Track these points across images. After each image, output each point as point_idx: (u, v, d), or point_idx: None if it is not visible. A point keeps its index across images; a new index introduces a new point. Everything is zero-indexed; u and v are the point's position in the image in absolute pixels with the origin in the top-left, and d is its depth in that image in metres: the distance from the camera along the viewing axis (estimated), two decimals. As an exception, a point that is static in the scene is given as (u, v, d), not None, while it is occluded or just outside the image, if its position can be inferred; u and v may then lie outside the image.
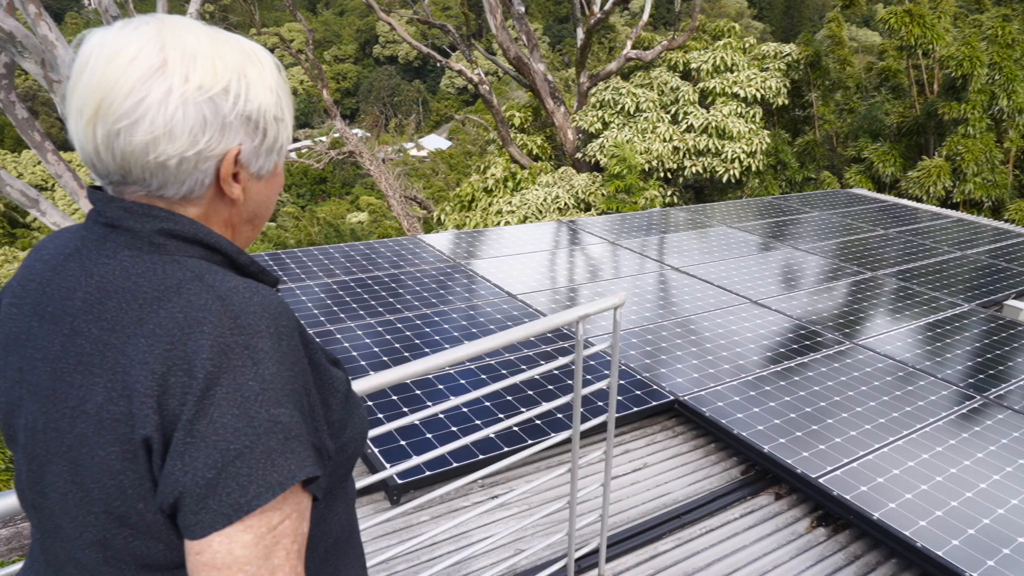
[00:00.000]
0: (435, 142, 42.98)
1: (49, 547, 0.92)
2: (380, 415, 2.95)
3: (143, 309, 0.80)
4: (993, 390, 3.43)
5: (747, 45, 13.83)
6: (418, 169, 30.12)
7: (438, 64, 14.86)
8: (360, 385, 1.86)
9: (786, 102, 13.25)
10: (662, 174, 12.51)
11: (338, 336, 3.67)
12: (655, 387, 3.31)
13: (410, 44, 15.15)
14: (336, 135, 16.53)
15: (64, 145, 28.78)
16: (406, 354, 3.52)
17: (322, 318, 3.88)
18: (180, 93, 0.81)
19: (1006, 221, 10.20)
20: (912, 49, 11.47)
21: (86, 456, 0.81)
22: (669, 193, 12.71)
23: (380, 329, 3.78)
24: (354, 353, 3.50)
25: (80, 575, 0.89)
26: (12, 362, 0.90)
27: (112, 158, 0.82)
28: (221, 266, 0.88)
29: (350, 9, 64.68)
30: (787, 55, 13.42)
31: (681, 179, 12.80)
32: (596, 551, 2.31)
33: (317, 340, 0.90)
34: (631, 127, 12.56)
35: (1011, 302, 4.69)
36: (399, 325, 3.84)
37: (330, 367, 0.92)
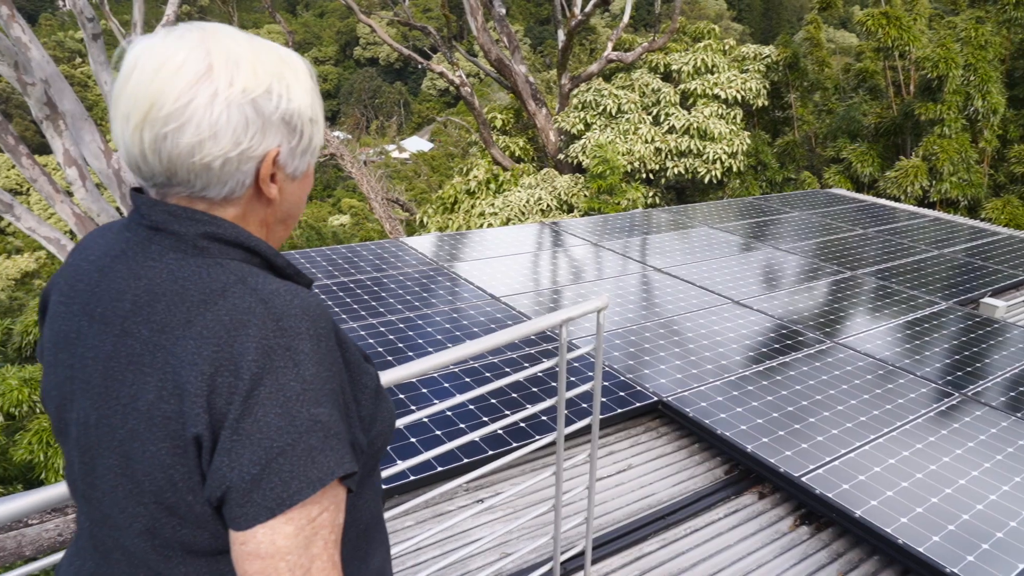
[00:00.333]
0: (417, 144, 42.87)
1: (98, 535, 0.97)
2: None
3: (190, 312, 0.84)
4: (970, 387, 3.48)
5: (727, 47, 13.94)
6: (400, 171, 30.06)
7: (419, 66, 14.83)
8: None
9: (766, 103, 13.37)
10: (644, 175, 12.56)
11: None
12: (639, 388, 3.32)
13: (391, 46, 15.11)
14: (317, 137, 16.43)
15: (39, 149, 28.36)
16: (390, 358, 3.50)
17: (304, 322, 3.85)
18: (225, 96, 0.85)
19: (982, 220, 10.35)
20: (889, 51, 11.62)
21: (137, 451, 0.85)
22: (651, 194, 12.77)
23: (363, 333, 3.76)
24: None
25: (127, 561, 0.94)
26: (63, 359, 0.94)
27: (159, 161, 0.86)
28: (260, 268, 0.92)
29: (330, 11, 64.37)
30: (766, 57, 13.55)
31: (663, 180, 12.87)
32: (582, 553, 2.31)
33: (350, 337, 0.96)
34: (613, 128, 12.61)
35: (987, 300, 4.76)
36: (382, 329, 3.82)
37: (363, 363, 0.96)
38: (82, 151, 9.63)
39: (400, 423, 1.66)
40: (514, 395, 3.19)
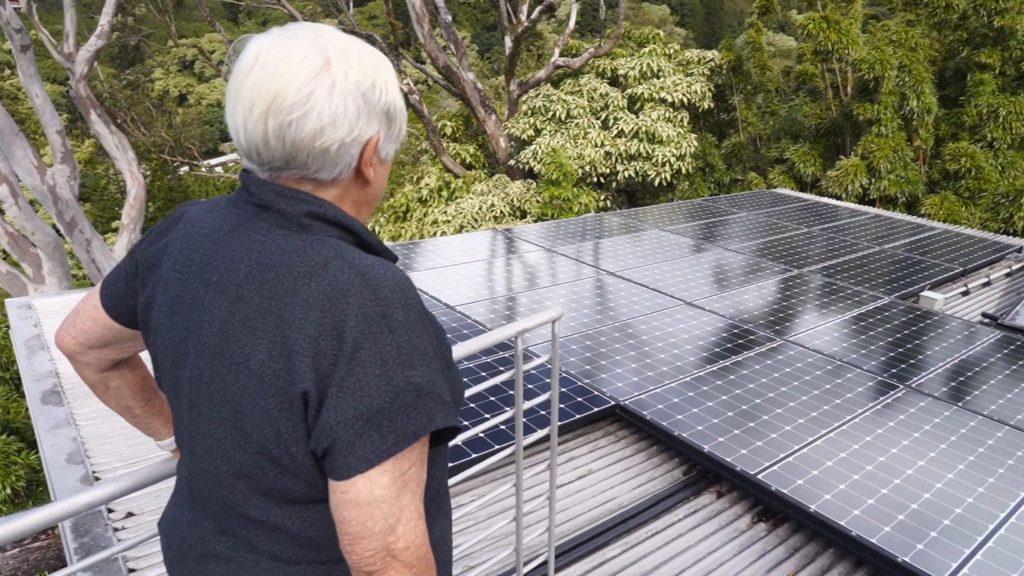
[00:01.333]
0: (367, 152, 42.40)
1: (196, 486, 1.07)
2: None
3: (297, 281, 0.94)
4: (914, 379, 3.60)
5: (671, 51, 14.19)
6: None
7: (367, 74, 14.69)
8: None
9: (711, 105, 13.64)
10: (595, 179, 12.68)
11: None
12: (596, 393, 3.33)
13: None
14: (264, 148, 16.13)
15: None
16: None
17: (255, 339, 3.76)
18: (342, 88, 0.95)
19: (921, 216, 10.74)
20: (828, 54, 11.98)
21: (247, 405, 0.95)
22: (603, 198, 12.90)
23: (316, 348, 3.69)
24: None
25: (222, 510, 1.04)
26: (178, 322, 1.03)
27: (282, 146, 0.95)
28: (353, 245, 1.02)
29: (273, 19, 63.42)
30: (710, 60, 13.83)
31: (614, 184, 13.01)
32: (546, 563, 2.30)
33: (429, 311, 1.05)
34: (563, 133, 12.70)
35: (926, 293, 4.94)
36: (336, 343, 3.75)
37: (443, 333, 1.05)
38: (13, 168, 9.24)
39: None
40: (473, 405, 3.17)
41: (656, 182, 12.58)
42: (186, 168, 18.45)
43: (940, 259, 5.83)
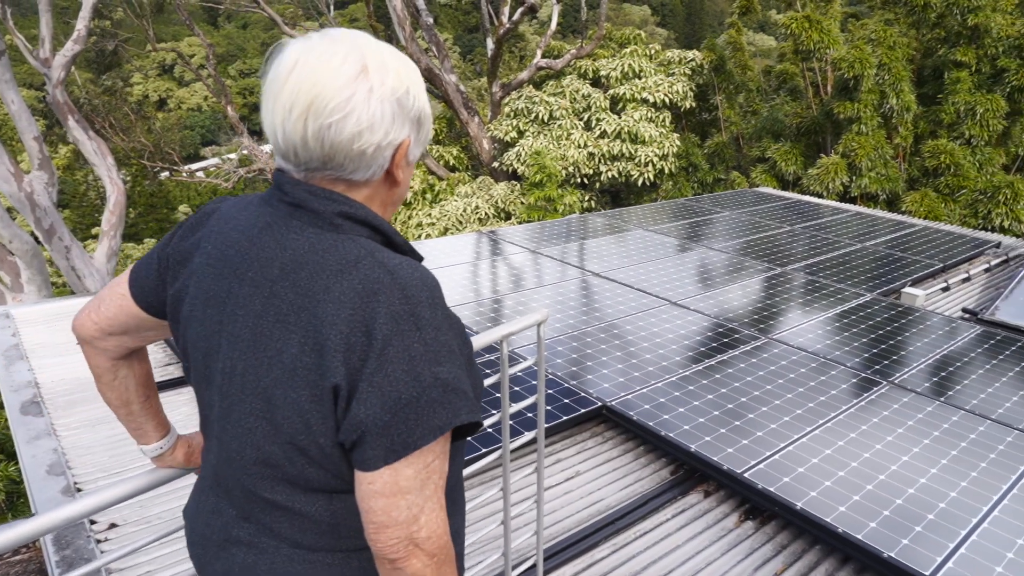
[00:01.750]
0: (350, 155, 42.21)
1: (222, 473, 1.11)
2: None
3: (330, 279, 0.97)
4: (897, 375, 3.63)
5: (653, 52, 14.24)
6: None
7: (349, 77, 14.62)
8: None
9: (693, 105, 13.71)
10: (578, 180, 12.70)
11: (257, 363, 3.54)
12: (583, 394, 3.33)
13: (319, 57, 14.86)
14: (245, 152, 16.02)
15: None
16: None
17: (239, 345, 3.73)
18: (379, 94, 0.99)
19: (901, 213, 10.86)
20: (810, 53, 12.07)
21: (279, 396, 0.99)
22: (587, 198, 12.92)
23: (301, 353, 3.66)
24: (274, 380, 3.37)
25: (246, 498, 1.08)
26: (211, 315, 1.06)
27: (320, 147, 0.98)
28: (381, 244, 1.05)
29: (254, 22, 62.96)
30: (691, 60, 13.90)
31: (597, 184, 13.04)
32: (534, 566, 2.29)
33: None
34: (546, 135, 12.71)
35: (908, 289, 4.99)
36: (321, 348, 3.73)
37: (465, 332, 1.07)
38: (-9, 175, 9.12)
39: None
40: (459, 409, 3.15)
41: (639, 182, 12.63)
42: (166, 173, 18.27)
43: (921, 256, 5.90)
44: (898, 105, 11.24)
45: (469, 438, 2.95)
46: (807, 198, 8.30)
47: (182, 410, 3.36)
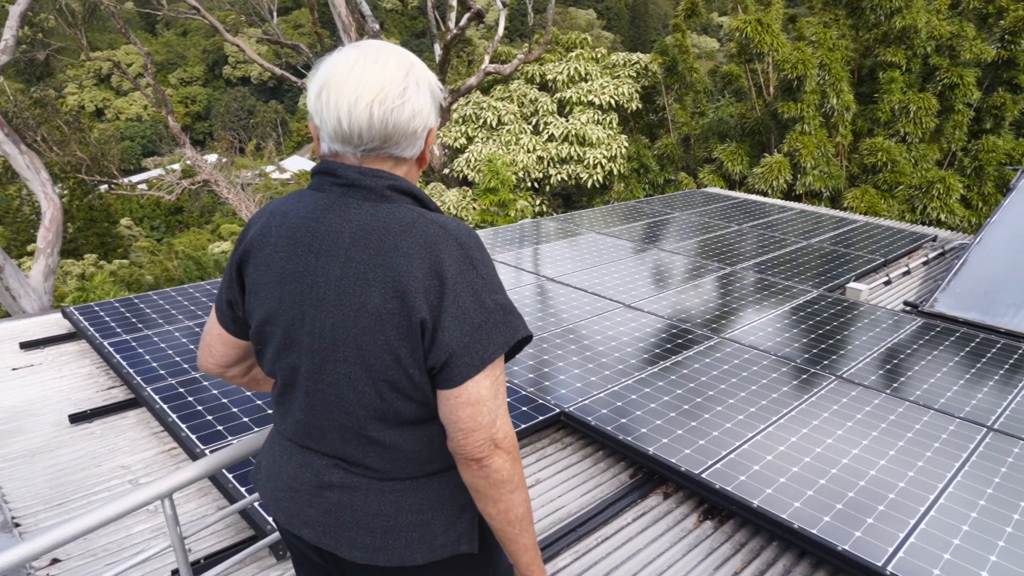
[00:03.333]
0: (299, 163, 41.61)
1: (314, 423, 1.29)
2: (258, 465, 2.77)
3: (396, 238, 1.18)
4: (844, 369, 3.72)
5: (599, 55, 14.39)
6: (282, 192, 29.03)
7: (295, 85, 14.39)
8: (237, 449, 1.74)
9: (639, 107, 13.89)
10: (529, 184, 12.74)
11: (207, 384, 3.43)
12: (541, 401, 3.33)
13: (262, 66, 14.60)
14: (189, 163, 15.60)
15: None
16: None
17: (186, 366, 3.61)
18: (424, 87, 1.24)
19: (844, 209, 11.19)
20: (760, 55, 12.34)
21: (369, 341, 1.18)
22: (538, 202, 12.97)
23: (251, 370, 3.56)
24: (232, 407, 3.28)
25: (342, 438, 1.27)
26: (290, 289, 1.24)
27: (384, 128, 1.20)
28: (420, 208, 1.26)
29: (194, 29, 61.48)
30: (635, 63, 14.08)
31: (548, 187, 13.10)
32: (496, 579, 2.27)
33: None
34: (495, 140, 12.72)
35: (852, 284, 5.13)
36: (272, 364, 3.64)
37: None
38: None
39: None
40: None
41: (589, 184, 12.73)
42: (106, 187, 17.67)
43: (863, 251, 6.08)
44: (838, 105, 11.59)
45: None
46: (754, 197, 8.48)
47: (128, 434, 3.23)
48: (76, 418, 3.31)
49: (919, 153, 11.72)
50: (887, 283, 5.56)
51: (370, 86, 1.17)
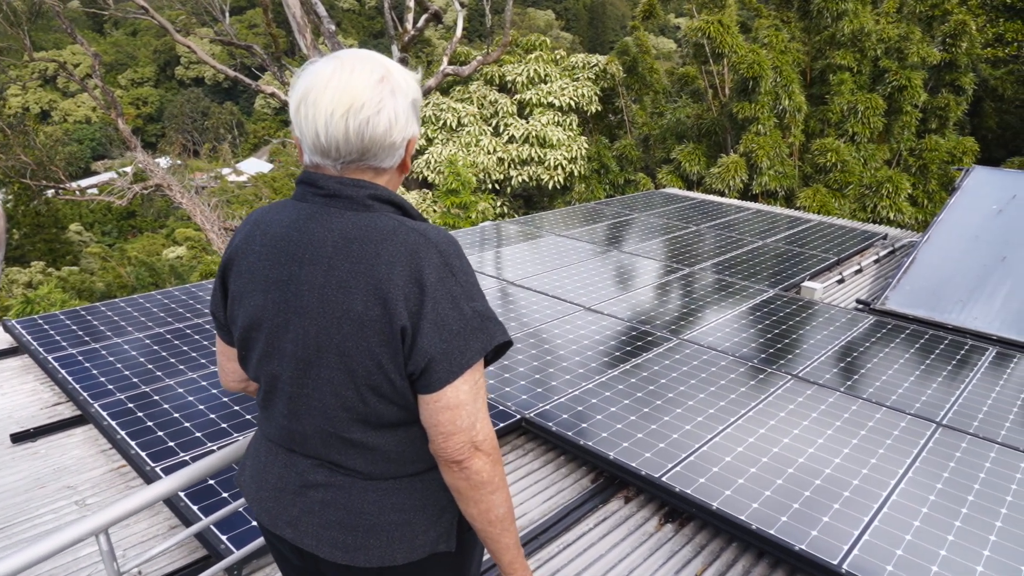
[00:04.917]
0: (255, 166, 40.91)
1: (297, 427, 1.30)
2: (225, 493, 2.70)
3: (377, 246, 1.19)
4: (800, 368, 3.79)
5: (558, 57, 14.44)
6: (239, 195, 28.47)
7: (250, 86, 14.14)
8: (203, 465, 1.68)
9: (599, 108, 13.98)
10: (490, 185, 12.72)
11: (158, 399, 3.33)
12: (501, 407, 3.31)
13: (214, 68, 14.30)
14: (140, 166, 15.21)
15: None
16: (242, 412, 3.26)
17: (136, 380, 3.51)
18: (401, 95, 1.23)
19: (797, 208, 11.42)
20: (720, 56, 12.50)
21: (352, 347, 1.20)
22: (499, 204, 12.96)
23: (207, 384, 3.48)
24: (185, 422, 3.19)
25: (324, 442, 1.28)
26: (273, 298, 1.25)
27: (360, 140, 1.20)
28: (402, 216, 1.27)
29: (144, 29, 59.96)
30: (594, 65, 14.17)
31: (509, 189, 13.10)
32: (458, 591, 2.24)
33: None
34: (455, 142, 12.67)
35: (806, 283, 5.23)
36: (226, 376, 3.55)
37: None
38: None
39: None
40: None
41: (550, 185, 12.77)
42: (52, 192, 17.11)
43: (817, 250, 6.20)
44: (790, 106, 11.82)
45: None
46: (711, 197, 8.59)
47: (73, 453, 3.12)
48: (18, 437, 3.19)
49: (868, 153, 12.03)
50: (840, 281, 5.69)
51: (346, 97, 1.17)
